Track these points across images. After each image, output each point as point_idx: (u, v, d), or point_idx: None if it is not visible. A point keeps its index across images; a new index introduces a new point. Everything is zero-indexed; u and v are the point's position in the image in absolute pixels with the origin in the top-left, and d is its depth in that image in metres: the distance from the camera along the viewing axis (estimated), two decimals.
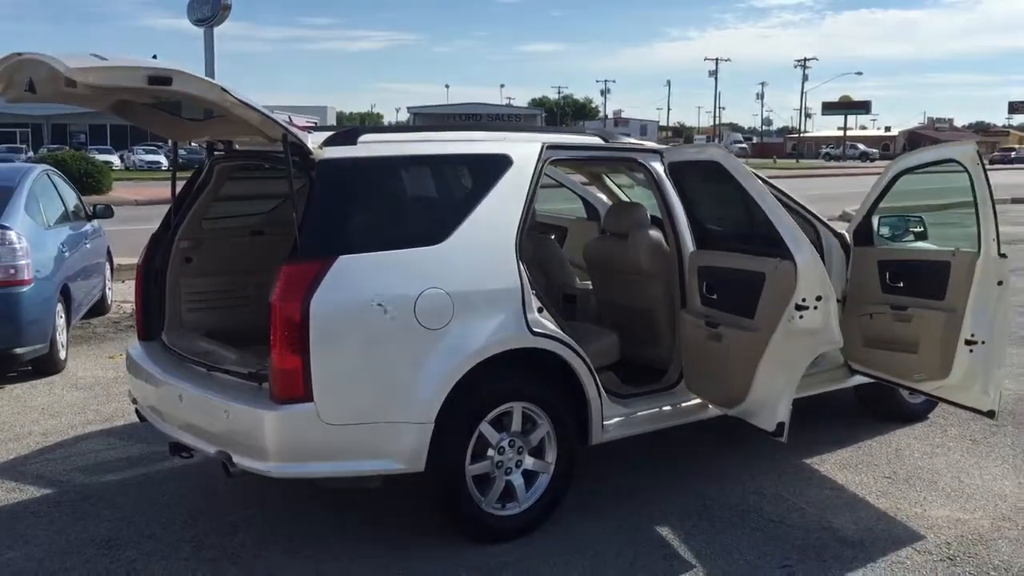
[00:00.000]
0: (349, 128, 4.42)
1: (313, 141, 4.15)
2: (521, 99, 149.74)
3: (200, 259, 5.13)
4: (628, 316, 5.58)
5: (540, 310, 4.50)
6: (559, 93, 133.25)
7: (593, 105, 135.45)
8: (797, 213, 5.69)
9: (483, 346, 4.23)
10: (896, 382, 5.32)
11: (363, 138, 4.28)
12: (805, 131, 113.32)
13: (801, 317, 4.26)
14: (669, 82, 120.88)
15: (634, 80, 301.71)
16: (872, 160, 79.31)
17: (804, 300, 4.25)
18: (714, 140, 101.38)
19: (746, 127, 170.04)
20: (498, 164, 4.55)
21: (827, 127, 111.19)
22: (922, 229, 5.47)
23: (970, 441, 5.87)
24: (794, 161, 79.18)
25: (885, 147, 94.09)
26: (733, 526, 4.62)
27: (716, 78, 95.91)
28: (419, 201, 4.45)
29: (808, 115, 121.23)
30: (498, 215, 4.43)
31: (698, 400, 5.03)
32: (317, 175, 4.09)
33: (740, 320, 4.53)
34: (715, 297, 4.76)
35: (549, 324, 4.47)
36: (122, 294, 10.72)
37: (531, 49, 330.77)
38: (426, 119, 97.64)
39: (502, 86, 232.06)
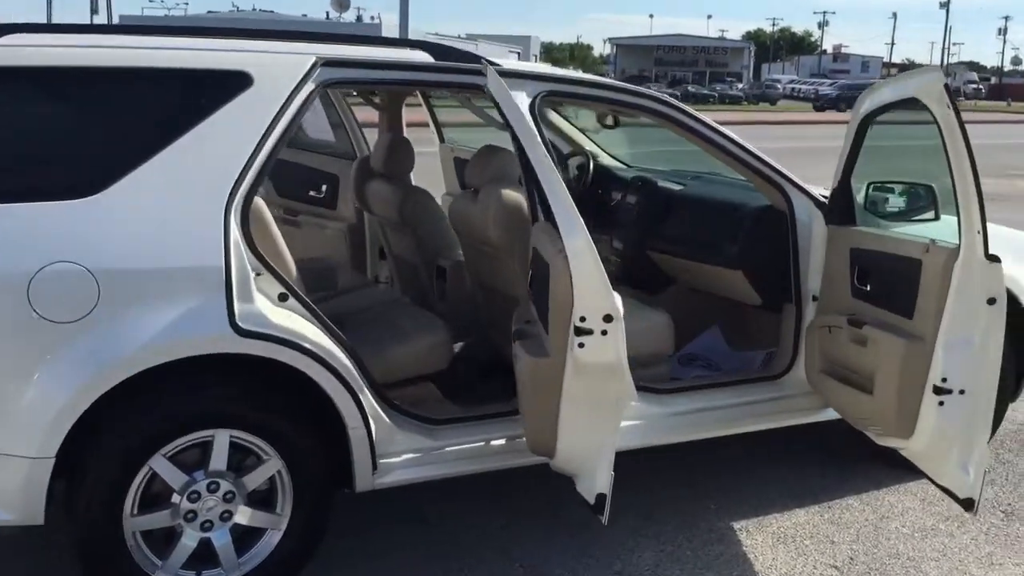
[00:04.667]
0: None
1: None
2: (733, 32, 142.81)
3: None
4: (497, 300, 4.09)
5: (283, 297, 3.14)
6: (774, 26, 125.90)
7: (812, 39, 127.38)
8: (758, 172, 3.99)
9: (146, 349, 2.90)
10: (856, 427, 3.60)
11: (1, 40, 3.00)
12: None
13: (582, 346, 2.68)
14: (895, 14, 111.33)
15: (860, 12, 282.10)
16: None
17: (584, 319, 2.67)
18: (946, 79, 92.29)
19: (988, 66, 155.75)
20: (224, 84, 3.15)
21: None
22: (928, 203, 3.62)
23: (1002, 514, 4.02)
24: None
25: None
26: None
27: (947, 10, 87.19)
28: (67, 134, 3.07)
29: None
30: (205, 159, 3.05)
31: None
32: None
33: (539, 339, 2.99)
34: (533, 294, 3.22)
35: (280, 319, 3.09)
36: None
37: None
38: (626, 51, 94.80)
39: (709, 17, 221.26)
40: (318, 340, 3.15)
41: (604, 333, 2.73)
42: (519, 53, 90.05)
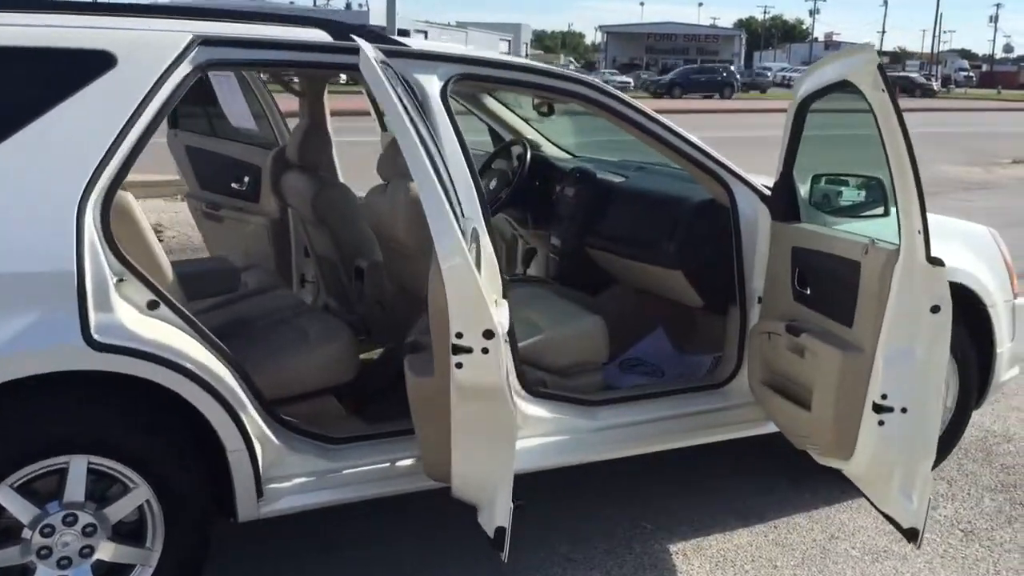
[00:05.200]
0: None
1: None
2: (725, 20, 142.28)
3: None
4: (414, 304, 3.75)
5: (153, 304, 2.80)
6: (765, 13, 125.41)
7: (804, 26, 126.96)
8: (696, 163, 3.65)
9: None
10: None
11: None
12: None
13: (459, 366, 2.35)
14: (886, 1, 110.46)
15: None
16: None
17: (461, 335, 2.34)
18: (935, 66, 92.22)
19: (980, 54, 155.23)
20: (82, 65, 2.81)
21: None
22: (878, 197, 3.27)
23: (960, 533, 3.71)
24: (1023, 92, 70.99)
25: None
26: None
27: None
28: None
29: None
30: (55, 150, 2.70)
31: None
32: None
33: (429, 354, 2.66)
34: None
35: (146, 331, 2.75)
36: None
37: None
38: (617, 39, 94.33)
39: (700, 4, 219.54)
40: (190, 353, 2.82)
41: (485, 351, 2.41)
42: (509, 41, 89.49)
